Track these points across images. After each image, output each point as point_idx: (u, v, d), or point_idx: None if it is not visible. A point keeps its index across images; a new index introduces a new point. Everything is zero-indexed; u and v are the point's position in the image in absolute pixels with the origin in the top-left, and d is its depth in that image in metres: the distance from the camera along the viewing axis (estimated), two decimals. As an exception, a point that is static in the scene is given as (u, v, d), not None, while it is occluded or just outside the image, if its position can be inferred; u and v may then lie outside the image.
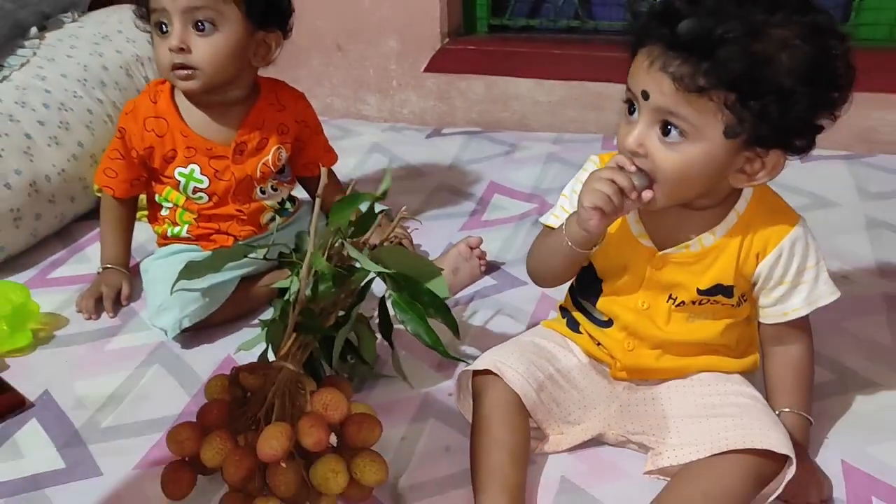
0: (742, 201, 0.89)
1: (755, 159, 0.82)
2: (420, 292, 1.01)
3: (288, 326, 0.97)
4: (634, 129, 0.81)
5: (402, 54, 2.03)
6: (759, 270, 0.90)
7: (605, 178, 0.82)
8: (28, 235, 1.42)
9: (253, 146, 1.23)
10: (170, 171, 1.22)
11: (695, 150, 0.80)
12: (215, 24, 1.13)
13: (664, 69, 0.77)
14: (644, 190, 0.82)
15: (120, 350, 1.20)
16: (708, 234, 0.89)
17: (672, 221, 0.90)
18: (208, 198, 1.24)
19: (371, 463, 0.90)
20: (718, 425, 0.88)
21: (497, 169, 1.71)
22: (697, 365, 0.96)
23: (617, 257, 0.93)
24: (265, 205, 1.28)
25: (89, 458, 1.00)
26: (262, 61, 1.21)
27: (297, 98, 1.30)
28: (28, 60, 1.55)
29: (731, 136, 0.78)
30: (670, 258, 0.91)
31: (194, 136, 1.21)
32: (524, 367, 0.95)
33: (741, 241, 0.89)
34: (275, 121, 1.26)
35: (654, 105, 0.79)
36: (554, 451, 0.97)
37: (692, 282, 0.91)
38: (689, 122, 0.78)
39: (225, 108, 1.23)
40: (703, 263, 0.90)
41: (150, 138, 1.22)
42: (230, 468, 0.89)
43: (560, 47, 1.97)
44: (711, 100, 0.76)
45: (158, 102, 1.22)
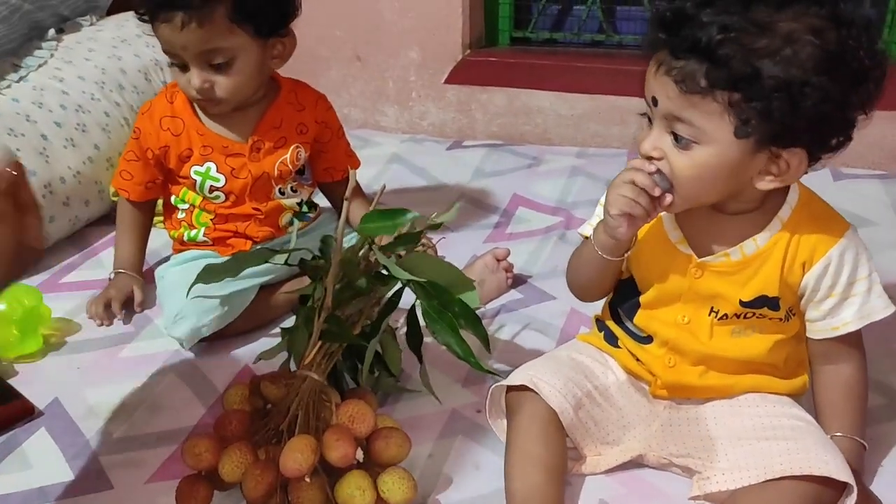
0: (786, 207, 0.85)
1: (776, 159, 0.78)
2: (451, 302, 0.96)
3: (312, 334, 0.93)
4: (650, 134, 0.81)
5: (422, 65, 2.00)
6: (805, 281, 0.85)
7: (626, 181, 0.81)
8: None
9: (271, 144, 1.21)
10: (185, 170, 1.20)
11: (707, 154, 0.78)
12: (230, 59, 1.12)
13: (668, 73, 0.76)
14: (667, 191, 0.81)
15: (133, 358, 1.16)
16: (750, 242, 0.85)
17: (711, 228, 0.87)
18: (225, 196, 1.21)
19: (399, 480, 0.85)
20: (771, 449, 0.83)
21: (520, 181, 1.67)
22: (743, 384, 0.91)
23: (655, 266, 0.89)
24: (283, 205, 1.25)
25: (100, 470, 0.95)
26: (281, 61, 1.19)
27: (317, 99, 1.27)
28: (46, 62, 1.53)
29: (741, 136, 0.76)
30: (709, 266, 0.87)
31: (210, 133, 1.19)
32: (561, 382, 0.90)
33: (786, 249, 0.85)
34: (294, 120, 1.23)
35: (663, 111, 0.79)
36: (591, 473, 0.92)
37: (734, 293, 0.86)
38: (696, 126, 0.77)
39: (243, 108, 1.20)
40: (746, 273, 0.86)
41: (166, 137, 1.19)
42: (250, 483, 0.84)
43: (584, 60, 1.94)
44: (716, 101, 0.75)
45: (175, 102, 1.20)
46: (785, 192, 0.85)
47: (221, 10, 1.07)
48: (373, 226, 0.96)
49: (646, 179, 0.80)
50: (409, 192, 1.64)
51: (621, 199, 0.82)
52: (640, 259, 0.91)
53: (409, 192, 1.64)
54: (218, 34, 1.09)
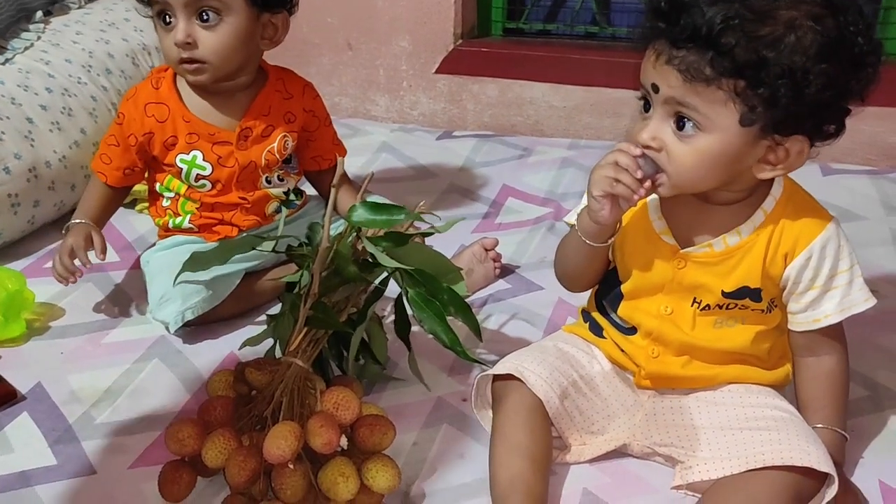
0: (770, 199, 0.85)
1: (777, 147, 0.79)
2: (439, 290, 0.96)
3: (298, 321, 0.93)
4: (648, 123, 0.80)
5: (413, 55, 1.99)
6: (787, 273, 0.85)
7: (609, 162, 0.81)
8: (25, 223, 1.37)
9: (258, 133, 1.20)
10: (170, 158, 1.18)
11: (710, 141, 0.77)
12: (220, 14, 1.10)
13: (670, 62, 0.76)
14: (654, 175, 0.80)
15: (117, 343, 1.15)
16: (733, 233, 0.85)
17: (695, 218, 0.87)
18: (211, 185, 1.20)
19: (383, 468, 0.85)
20: (753, 439, 0.84)
21: (510, 172, 1.67)
22: (726, 375, 0.91)
23: (639, 256, 0.89)
24: (270, 194, 1.24)
25: (82, 454, 0.95)
26: (270, 43, 1.18)
27: (305, 87, 1.26)
28: (32, 44, 1.51)
29: (747, 123, 0.76)
30: (692, 257, 0.87)
31: (197, 121, 1.18)
32: (547, 372, 0.90)
33: (768, 240, 0.85)
34: (281, 108, 1.22)
35: (665, 96, 0.78)
36: (576, 462, 0.92)
37: (716, 284, 0.87)
38: (701, 113, 0.76)
39: (229, 95, 1.19)
40: (728, 264, 0.86)
41: (150, 123, 1.18)
42: (233, 469, 0.84)
43: (577, 52, 1.94)
44: (721, 89, 0.74)
45: (160, 88, 1.19)
46: (770, 185, 0.85)
47: None
48: (365, 219, 0.95)
49: (629, 160, 0.80)
50: (397, 182, 1.63)
51: (604, 179, 0.81)
52: (623, 249, 0.91)
53: (398, 181, 1.64)
54: None
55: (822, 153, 0.82)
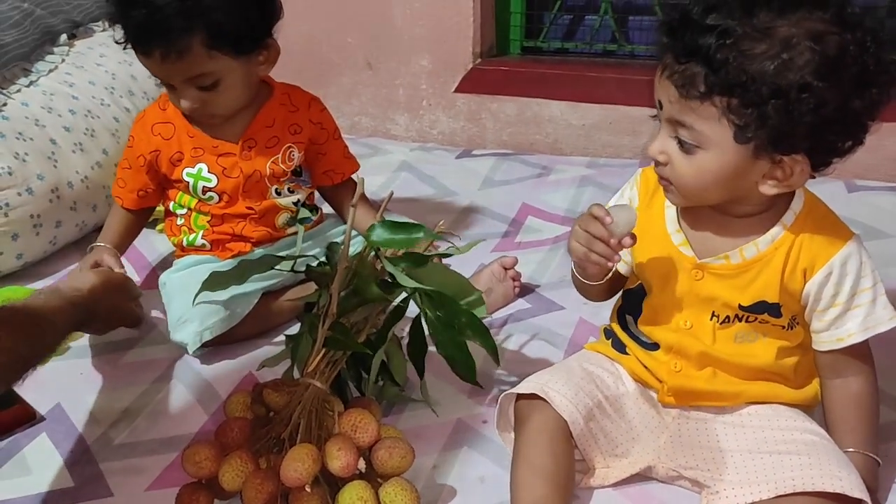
0: (790, 213, 0.84)
1: (779, 164, 0.78)
2: (457, 313, 0.95)
3: (317, 342, 0.92)
4: (657, 137, 0.82)
5: (433, 74, 1.99)
6: (807, 289, 0.84)
7: (581, 228, 0.85)
8: (47, 243, 1.38)
9: (263, 144, 1.21)
10: (177, 173, 1.21)
11: (708, 158, 0.78)
12: (216, 81, 1.12)
13: (671, 77, 0.77)
14: (625, 237, 0.83)
15: (136, 363, 1.15)
16: (750, 246, 0.84)
17: (713, 230, 0.86)
18: (218, 197, 1.21)
19: (402, 492, 0.83)
20: (783, 463, 0.81)
21: (530, 191, 1.65)
22: (752, 392, 0.89)
23: (658, 268, 0.89)
24: (279, 204, 1.24)
25: (100, 476, 0.94)
26: (268, 67, 1.19)
27: (310, 100, 1.27)
28: (56, 66, 1.53)
29: (741, 141, 0.76)
30: (709, 268, 0.86)
31: (200, 135, 1.20)
32: (573, 392, 0.89)
33: (787, 255, 0.83)
34: (287, 120, 1.23)
35: (666, 115, 0.79)
36: (600, 486, 0.90)
37: (733, 297, 0.86)
38: (696, 131, 0.77)
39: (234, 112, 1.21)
40: (745, 277, 0.85)
41: (157, 142, 1.20)
42: (250, 492, 0.83)
43: (595, 70, 1.93)
44: (714, 105, 0.75)
45: (167, 109, 1.21)
46: (790, 198, 0.84)
47: (198, 39, 1.07)
48: (383, 237, 0.94)
49: (601, 230, 0.83)
50: (417, 201, 1.62)
51: (578, 248, 0.86)
52: (642, 263, 0.91)
53: (418, 200, 1.63)
54: (199, 62, 1.09)
55: (846, 170, 0.81)
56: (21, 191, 1.31)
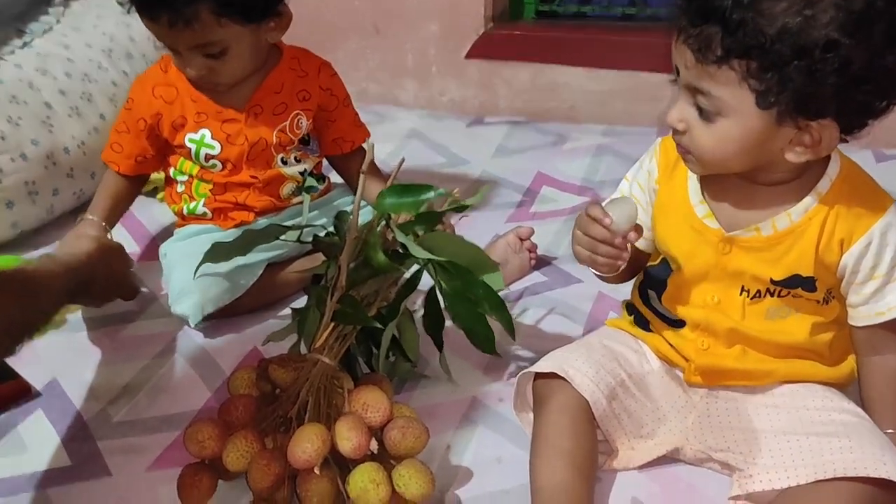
0: (825, 180, 0.78)
1: (806, 130, 0.72)
2: (473, 284, 0.90)
3: (325, 315, 0.87)
4: (675, 105, 0.77)
5: (442, 39, 1.92)
6: (844, 261, 0.79)
7: (581, 232, 0.82)
8: (44, 211, 1.33)
9: (269, 110, 1.16)
10: (179, 139, 1.15)
11: (729, 126, 0.74)
12: (224, 49, 1.07)
13: (686, 41, 0.72)
14: (629, 233, 0.80)
15: (136, 337, 1.11)
16: (783, 216, 0.79)
17: (740, 200, 0.81)
18: (221, 165, 1.16)
19: (416, 474, 0.79)
20: (822, 446, 0.76)
21: (545, 160, 1.60)
22: (784, 370, 0.84)
23: (681, 243, 0.84)
24: (284, 174, 1.19)
25: (98, 455, 0.90)
26: (279, 34, 1.14)
27: (321, 65, 1.21)
28: (51, 27, 1.47)
29: (764, 106, 0.71)
30: (738, 241, 0.81)
31: (204, 100, 1.14)
32: (594, 370, 0.84)
33: (822, 225, 0.78)
34: (295, 86, 1.18)
35: (684, 81, 0.75)
36: (624, 468, 0.85)
37: (764, 271, 0.80)
38: (715, 97, 0.73)
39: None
40: (777, 250, 0.80)
41: (158, 104, 1.15)
42: (256, 474, 0.78)
43: (613, 34, 1.85)
44: (733, 70, 0.70)
45: (169, 72, 1.16)
46: (825, 163, 0.79)
47: (207, 6, 1.02)
48: (392, 202, 0.90)
49: (602, 232, 0.80)
50: (428, 170, 1.57)
51: (582, 252, 0.83)
52: (665, 238, 0.85)
53: (429, 169, 1.58)
54: (207, 30, 1.04)
55: (874, 138, 0.76)
56: (14, 156, 1.26)
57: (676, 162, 0.85)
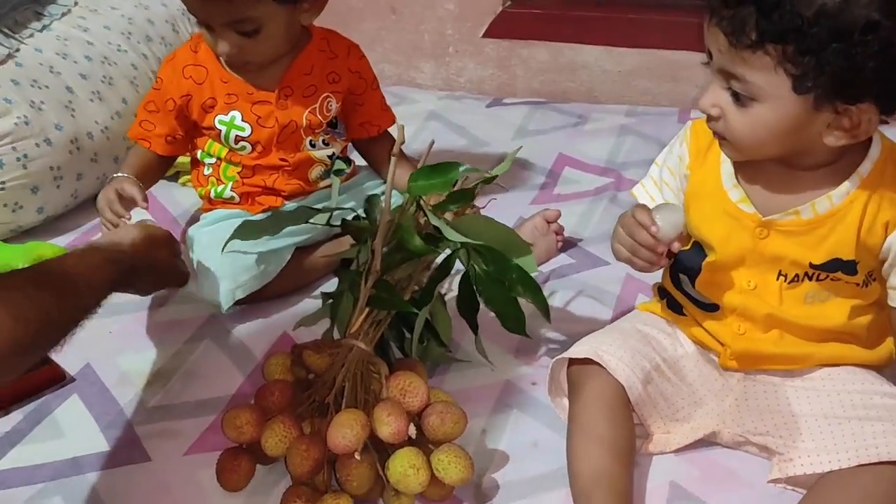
0: (867, 162, 0.77)
1: (844, 114, 0.71)
2: (507, 268, 0.90)
3: (359, 301, 0.87)
4: (708, 90, 0.76)
5: (459, 18, 1.90)
6: (889, 243, 0.78)
7: (625, 233, 0.81)
8: (68, 196, 1.33)
9: (300, 92, 1.15)
10: (209, 120, 1.14)
11: (765, 111, 0.72)
12: (258, 27, 1.06)
13: (719, 24, 0.71)
14: (673, 242, 0.79)
15: (167, 322, 1.11)
16: (823, 199, 0.78)
17: (777, 184, 0.80)
18: (251, 147, 1.15)
19: (456, 459, 0.79)
20: (864, 430, 0.76)
21: (566, 141, 1.58)
22: (821, 354, 0.84)
23: (716, 228, 0.83)
24: (313, 157, 1.18)
25: (136, 440, 0.91)
26: (313, 15, 1.12)
27: (350, 47, 1.20)
28: (69, 10, 1.45)
29: (801, 91, 0.70)
30: (776, 226, 0.80)
31: (235, 81, 1.13)
32: (629, 355, 0.84)
33: (864, 207, 0.77)
34: (325, 68, 1.16)
35: (717, 66, 0.74)
36: (661, 452, 0.85)
37: (803, 255, 0.79)
38: (750, 83, 0.71)
39: None
40: (817, 234, 0.79)
41: (188, 85, 1.14)
42: (296, 459, 0.79)
43: (634, 12, 1.83)
44: (768, 54, 0.69)
45: (199, 52, 1.15)
46: (866, 145, 0.77)
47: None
48: (423, 184, 0.89)
49: (648, 239, 0.79)
50: (448, 152, 1.55)
51: (621, 252, 0.83)
52: (699, 223, 0.84)
53: (449, 151, 1.56)
54: (243, 6, 1.03)
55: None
56: (39, 141, 1.26)
57: (709, 147, 0.84)
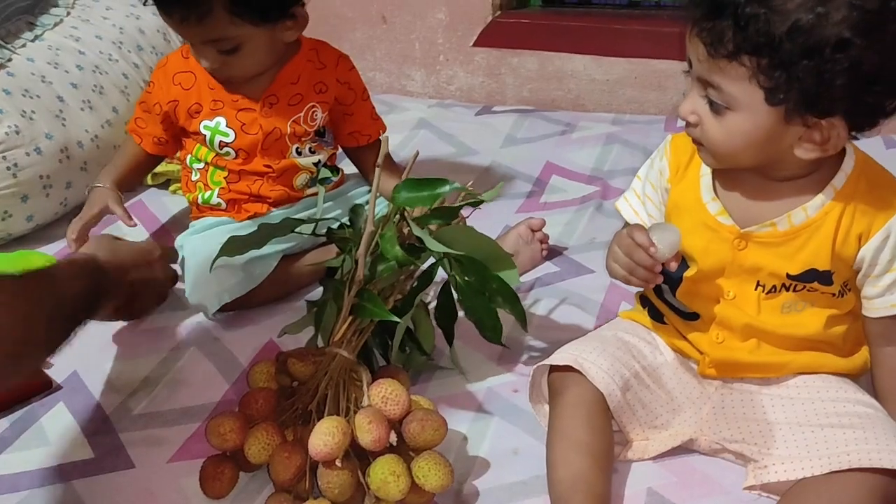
0: (841, 174, 0.79)
1: (815, 127, 0.73)
2: (488, 278, 0.91)
3: (343, 309, 0.88)
4: (687, 97, 0.78)
5: (449, 27, 1.92)
6: (862, 254, 0.79)
7: (621, 253, 0.82)
8: (58, 205, 1.34)
9: (285, 101, 1.16)
10: (195, 125, 1.17)
11: (738, 121, 0.74)
12: (237, 46, 1.08)
13: (699, 34, 0.73)
14: (670, 262, 0.80)
15: (154, 330, 1.11)
16: (799, 211, 0.79)
17: (754, 195, 0.81)
18: (235, 153, 1.17)
19: (436, 466, 0.80)
20: (836, 437, 0.77)
21: (553, 149, 1.60)
22: (798, 362, 0.85)
23: (695, 239, 0.84)
24: (298, 164, 1.20)
25: (120, 447, 0.91)
26: (294, 34, 1.14)
27: (339, 58, 1.22)
28: (61, 20, 1.47)
29: (774, 103, 0.71)
30: (754, 237, 0.81)
31: (221, 87, 1.16)
32: (608, 363, 0.85)
33: (839, 219, 0.79)
34: (312, 78, 1.18)
35: (696, 74, 0.76)
36: (639, 459, 0.86)
37: (780, 266, 0.81)
38: (726, 92, 0.73)
39: None
40: (793, 245, 0.80)
41: (176, 91, 1.16)
42: (278, 466, 0.80)
43: (619, 22, 1.85)
44: (743, 65, 0.71)
45: (190, 59, 1.16)
46: (840, 158, 0.79)
47: (220, 3, 1.03)
48: (408, 196, 0.90)
49: (645, 258, 0.79)
50: (437, 160, 1.57)
51: (618, 271, 0.83)
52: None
53: (438, 159, 1.58)
54: (219, 27, 1.05)
55: (884, 125, 0.75)
56: (29, 150, 1.27)
57: (688, 161, 0.86)
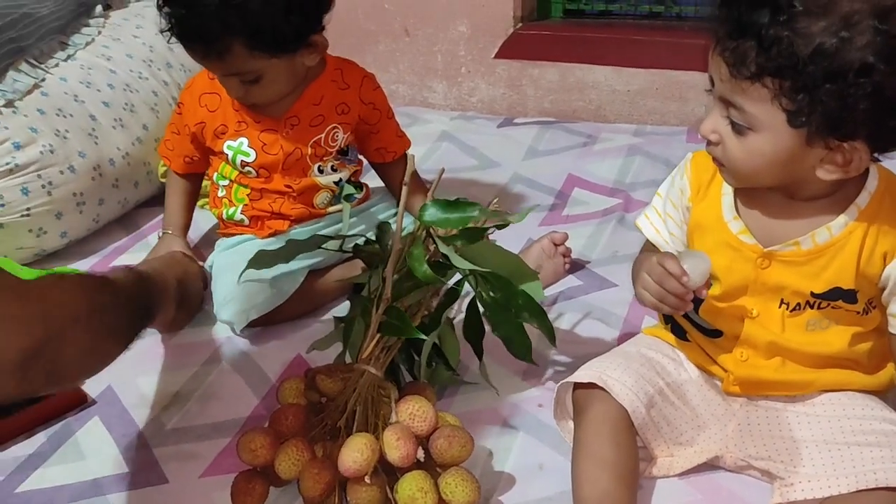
0: (864, 194, 0.79)
1: (837, 150, 0.73)
2: (514, 294, 0.92)
3: (370, 326, 0.89)
4: (709, 115, 0.78)
5: (471, 39, 1.94)
6: (887, 272, 0.79)
7: (653, 281, 0.81)
8: (90, 221, 1.37)
9: (307, 122, 1.18)
10: (220, 145, 1.20)
11: (760, 141, 0.74)
12: (258, 77, 1.11)
13: (722, 54, 0.73)
14: (701, 290, 0.80)
15: (185, 345, 1.14)
16: (822, 230, 0.79)
17: (777, 215, 0.81)
18: (256, 172, 1.20)
19: (463, 482, 0.81)
20: (863, 456, 0.78)
21: (575, 161, 1.61)
22: (823, 380, 0.85)
23: (718, 258, 0.84)
24: (319, 183, 1.21)
25: (154, 463, 0.93)
26: (315, 58, 1.15)
27: (364, 78, 1.23)
28: (93, 39, 1.50)
29: (795, 125, 0.71)
30: (777, 256, 0.81)
31: (245, 109, 1.18)
32: (633, 380, 0.85)
33: (863, 238, 0.79)
34: (335, 99, 1.20)
35: (718, 93, 0.76)
36: (664, 476, 0.87)
37: (804, 284, 0.81)
38: (748, 113, 0.73)
39: None
40: (817, 264, 0.80)
41: (202, 113, 1.20)
42: (308, 482, 0.81)
43: (640, 33, 1.86)
44: (765, 87, 0.71)
45: (215, 79, 1.18)
46: (864, 177, 0.79)
47: (239, 40, 1.05)
48: (438, 218, 0.91)
49: (677, 287, 0.79)
50: (460, 173, 1.58)
51: (648, 299, 0.83)
52: None
53: (461, 172, 1.59)
54: (239, 62, 1.08)
55: None
56: (63, 169, 1.30)
57: (710, 180, 0.86)
